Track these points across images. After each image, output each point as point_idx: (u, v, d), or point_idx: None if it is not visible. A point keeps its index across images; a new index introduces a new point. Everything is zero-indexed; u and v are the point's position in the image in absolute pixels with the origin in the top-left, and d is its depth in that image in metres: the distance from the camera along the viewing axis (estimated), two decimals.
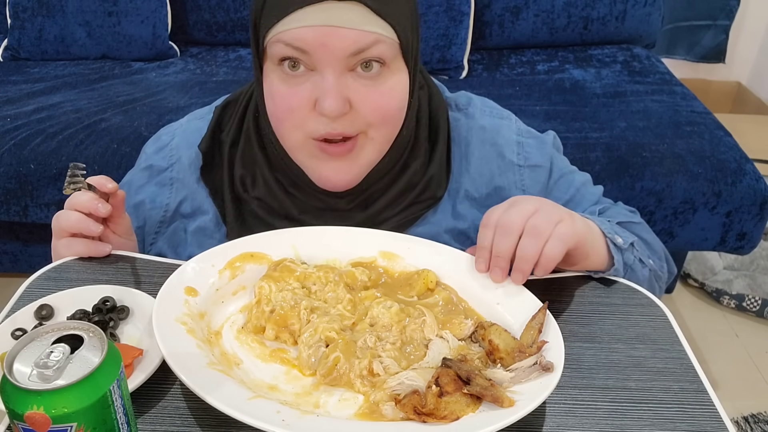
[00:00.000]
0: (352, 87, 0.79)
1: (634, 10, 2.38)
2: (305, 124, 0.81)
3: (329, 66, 0.77)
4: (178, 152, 0.96)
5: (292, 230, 0.84)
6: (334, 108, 0.77)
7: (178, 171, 0.95)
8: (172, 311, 0.69)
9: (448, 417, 0.61)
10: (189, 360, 0.64)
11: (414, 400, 0.62)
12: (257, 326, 0.74)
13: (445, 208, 0.92)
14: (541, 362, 0.65)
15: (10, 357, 0.52)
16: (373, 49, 0.77)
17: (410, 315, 0.74)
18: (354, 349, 0.69)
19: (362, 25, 0.75)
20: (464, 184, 0.93)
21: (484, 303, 0.77)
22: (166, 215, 0.96)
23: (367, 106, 0.80)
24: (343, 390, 0.67)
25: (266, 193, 0.90)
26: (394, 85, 0.81)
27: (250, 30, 0.83)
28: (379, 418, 0.63)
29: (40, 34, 2.26)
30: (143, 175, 0.97)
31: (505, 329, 0.71)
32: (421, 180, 0.90)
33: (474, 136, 0.94)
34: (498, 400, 0.62)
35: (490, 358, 0.70)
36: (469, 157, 0.93)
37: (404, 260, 0.82)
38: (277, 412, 0.60)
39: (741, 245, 1.84)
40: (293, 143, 0.84)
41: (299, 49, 0.77)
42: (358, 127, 0.81)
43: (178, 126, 0.99)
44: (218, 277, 0.77)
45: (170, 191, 0.95)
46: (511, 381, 0.65)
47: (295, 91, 0.80)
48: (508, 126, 0.96)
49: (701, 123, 1.94)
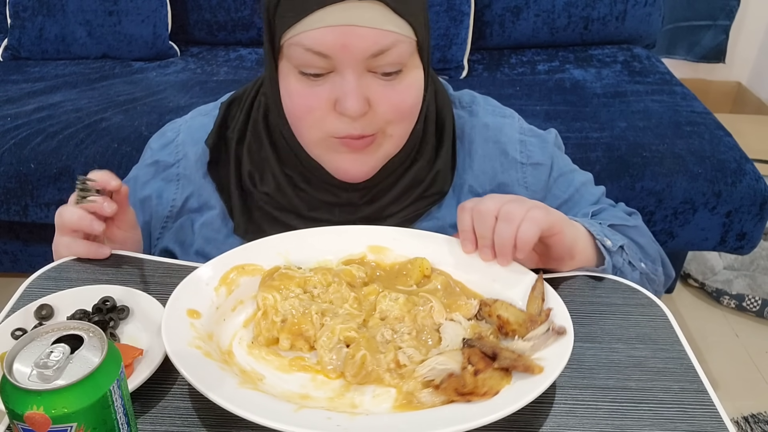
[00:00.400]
0: (371, 87, 0.79)
1: (635, 10, 2.38)
2: (324, 123, 0.81)
3: (349, 67, 0.77)
4: (184, 148, 0.96)
5: (277, 237, 0.84)
6: (356, 109, 0.77)
7: (185, 167, 0.96)
8: (183, 337, 0.68)
9: (488, 393, 0.63)
10: (220, 385, 0.62)
11: (454, 383, 0.64)
12: (269, 338, 0.73)
13: (449, 203, 0.93)
14: (554, 327, 0.69)
15: (10, 357, 0.52)
16: (393, 51, 0.77)
17: (417, 303, 0.75)
18: (376, 345, 0.70)
19: (382, 25, 0.75)
20: (468, 180, 0.93)
21: (479, 282, 0.79)
22: (172, 211, 0.96)
23: (385, 105, 0.80)
24: (373, 387, 0.67)
25: (275, 189, 0.91)
26: (412, 81, 0.82)
27: (264, 25, 0.82)
28: (418, 407, 0.64)
29: (41, 33, 2.26)
30: (149, 170, 0.97)
31: (510, 303, 0.74)
32: (428, 175, 0.91)
33: (477, 133, 0.95)
34: (529, 368, 0.65)
35: (502, 332, 0.73)
36: (473, 155, 0.94)
37: (393, 252, 0.83)
38: (328, 419, 0.61)
39: (741, 245, 1.84)
40: (311, 140, 0.85)
41: (320, 54, 0.76)
42: (376, 125, 0.82)
43: (183, 122, 0.99)
44: (215, 295, 0.75)
45: (177, 187, 0.96)
46: (531, 350, 0.68)
47: (314, 92, 0.80)
48: (511, 124, 0.97)
49: (701, 123, 1.94)
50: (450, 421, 0.60)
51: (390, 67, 0.78)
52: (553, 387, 0.68)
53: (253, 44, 2.43)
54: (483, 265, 0.80)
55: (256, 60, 2.34)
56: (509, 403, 0.61)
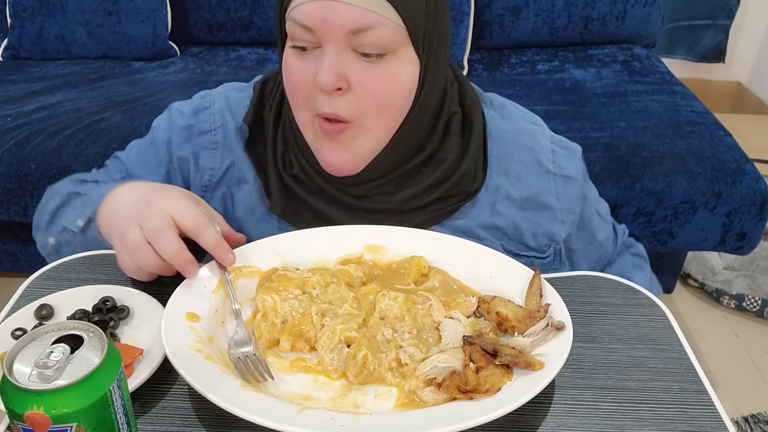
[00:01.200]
0: (351, 66, 0.79)
1: (634, 9, 2.38)
2: (310, 101, 0.82)
3: (331, 42, 0.78)
4: (223, 118, 0.96)
5: (273, 238, 0.84)
6: (327, 81, 0.78)
7: (224, 136, 0.95)
8: (183, 341, 0.67)
9: (491, 390, 0.63)
10: (222, 387, 0.62)
11: (456, 380, 0.64)
12: (270, 340, 0.73)
13: (482, 203, 0.92)
14: (553, 323, 0.69)
15: (10, 357, 0.52)
16: (374, 32, 0.77)
17: (416, 302, 0.75)
18: (377, 345, 0.70)
19: (365, 4, 0.75)
20: (504, 185, 0.93)
21: (477, 279, 0.80)
22: (211, 180, 0.95)
23: (364, 89, 0.80)
24: (375, 386, 0.68)
25: (299, 170, 0.91)
26: (398, 72, 0.81)
27: (276, 6, 0.83)
28: (420, 405, 0.65)
29: (41, 33, 2.26)
30: (182, 133, 0.96)
31: (508, 299, 0.74)
32: (454, 174, 0.90)
33: (513, 138, 0.94)
34: (530, 365, 0.65)
35: (501, 329, 0.73)
36: (509, 159, 0.93)
37: (390, 250, 0.83)
38: (331, 419, 0.61)
39: (741, 245, 1.84)
40: (303, 122, 0.85)
41: (305, 27, 0.78)
42: (353, 111, 0.81)
43: (216, 93, 0.99)
44: (214, 298, 0.75)
45: (214, 155, 0.95)
46: (531, 345, 0.68)
47: (302, 66, 0.81)
48: (542, 132, 0.97)
49: (701, 123, 1.94)
50: (454, 419, 0.60)
51: (371, 48, 0.78)
52: (553, 387, 0.68)
53: (252, 44, 2.43)
54: (480, 262, 0.80)
55: (256, 60, 2.34)
56: (512, 399, 0.61)
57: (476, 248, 0.83)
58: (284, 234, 0.85)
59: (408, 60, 0.81)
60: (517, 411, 0.61)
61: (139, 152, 1.00)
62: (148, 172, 0.98)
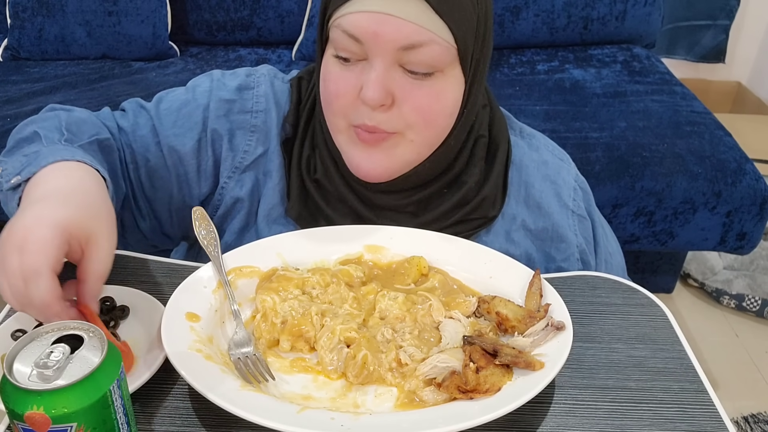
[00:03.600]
0: (398, 82, 0.78)
1: (634, 10, 2.38)
2: (348, 111, 0.81)
3: (379, 56, 0.76)
4: (266, 103, 0.92)
5: (273, 238, 0.83)
6: (374, 98, 0.76)
7: (264, 122, 0.92)
8: (183, 341, 0.67)
9: (491, 390, 0.63)
10: (222, 387, 0.62)
11: (456, 380, 0.64)
12: (270, 340, 0.73)
13: (498, 230, 0.91)
14: (553, 323, 0.70)
15: (10, 357, 0.52)
16: (425, 50, 0.75)
17: (416, 302, 0.75)
18: (376, 345, 0.70)
19: (419, 20, 0.74)
20: (521, 214, 0.92)
21: (476, 280, 0.80)
22: (243, 162, 0.92)
23: (410, 105, 0.78)
24: (375, 386, 0.68)
25: (323, 175, 0.89)
26: (444, 90, 0.80)
27: (319, 10, 0.83)
28: (420, 405, 0.65)
29: (40, 33, 2.26)
30: (222, 106, 0.91)
31: (508, 299, 0.74)
32: (474, 198, 0.89)
33: (537, 169, 0.94)
34: (530, 365, 0.65)
35: (501, 329, 0.73)
36: (529, 188, 0.93)
37: (390, 251, 0.83)
38: (331, 419, 0.61)
39: (741, 245, 1.84)
40: (337, 127, 0.84)
41: (353, 38, 0.76)
42: (395, 125, 0.80)
43: (261, 75, 0.94)
44: (214, 298, 0.75)
45: (250, 138, 0.92)
46: (531, 345, 0.68)
47: (344, 76, 0.79)
48: (568, 170, 0.96)
49: (701, 123, 1.94)
50: (454, 419, 0.60)
51: (420, 67, 0.77)
52: (553, 387, 0.68)
53: (252, 44, 2.43)
54: (480, 262, 0.80)
55: (256, 60, 2.34)
56: (512, 399, 0.61)
57: (476, 248, 0.83)
58: (284, 234, 0.85)
59: (455, 79, 0.80)
60: (517, 411, 0.61)
61: (171, 110, 0.92)
62: (178, 134, 0.91)
